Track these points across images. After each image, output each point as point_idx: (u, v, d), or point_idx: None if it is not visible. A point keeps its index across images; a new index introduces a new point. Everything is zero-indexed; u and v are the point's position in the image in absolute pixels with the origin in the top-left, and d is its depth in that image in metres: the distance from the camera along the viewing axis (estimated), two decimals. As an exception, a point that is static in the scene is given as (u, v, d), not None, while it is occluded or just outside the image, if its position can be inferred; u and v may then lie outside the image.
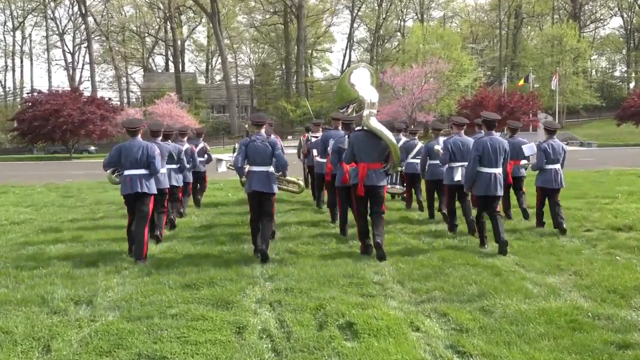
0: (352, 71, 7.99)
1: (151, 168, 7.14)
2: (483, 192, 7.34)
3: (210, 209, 11.45)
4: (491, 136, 7.41)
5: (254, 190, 7.12)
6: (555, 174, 8.58)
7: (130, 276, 6.24)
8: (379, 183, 7.13)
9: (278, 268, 6.45)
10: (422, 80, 46.26)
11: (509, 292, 5.36)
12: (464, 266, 6.35)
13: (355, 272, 6.11)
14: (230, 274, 6.14)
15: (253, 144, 7.14)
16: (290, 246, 7.53)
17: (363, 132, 7.22)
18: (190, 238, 8.36)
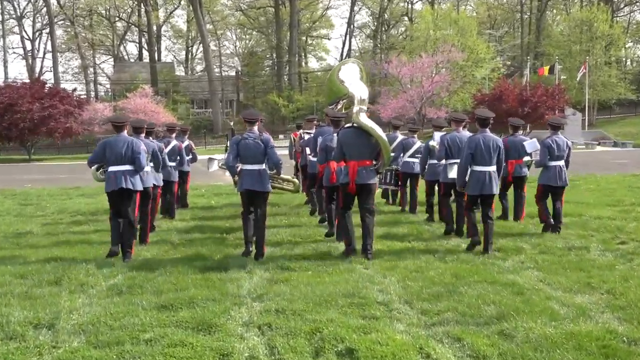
0: (341, 67, 8.78)
1: (136, 164, 7.92)
2: (477, 191, 8.14)
3: (190, 217, 11.47)
4: (484, 134, 8.16)
5: (246, 189, 7.86)
6: (560, 171, 9.31)
7: (97, 296, 6.23)
8: (369, 181, 7.83)
9: (268, 286, 6.45)
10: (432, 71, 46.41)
11: (532, 313, 5.37)
12: (480, 284, 6.37)
13: (356, 291, 6.12)
14: (213, 293, 6.13)
15: (245, 142, 7.85)
16: (281, 261, 7.54)
17: (352, 129, 7.87)
18: (167, 252, 8.36)
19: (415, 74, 46.61)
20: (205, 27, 62.98)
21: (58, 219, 11.81)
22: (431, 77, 45.74)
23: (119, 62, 72.64)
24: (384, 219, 10.70)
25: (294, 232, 9.52)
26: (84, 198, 15.53)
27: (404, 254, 7.90)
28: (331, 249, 8.19)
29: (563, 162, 9.39)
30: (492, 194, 8.18)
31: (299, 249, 8.33)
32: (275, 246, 8.56)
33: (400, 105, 45.29)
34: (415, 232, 9.46)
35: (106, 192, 8.02)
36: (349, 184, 7.80)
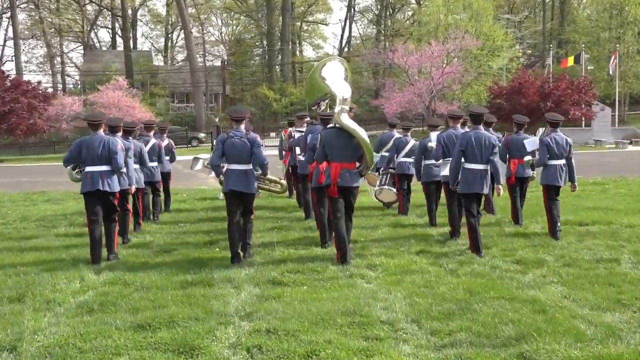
0: (324, 63, 9.24)
1: (113, 164, 8.50)
2: (467, 189, 8.77)
3: (171, 226, 11.48)
4: (477, 131, 8.74)
5: (231, 189, 8.36)
6: (560, 171, 9.87)
7: (65, 314, 6.22)
8: (353, 184, 8.39)
9: (257, 303, 6.45)
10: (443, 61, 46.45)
11: (555, 333, 5.39)
12: (497, 300, 6.39)
13: (357, 308, 6.13)
14: (196, 311, 6.13)
15: (231, 141, 8.38)
16: (273, 275, 7.55)
17: (335, 130, 8.40)
18: (144, 264, 8.36)
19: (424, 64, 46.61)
20: (187, 11, 63.05)
21: (21, 228, 11.80)
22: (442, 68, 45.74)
23: (90, 51, 72.62)
24: (385, 229, 10.71)
25: (287, 242, 9.55)
26: (49, 204, 15.52)
27: (410, 267, 7.91)
28: (329, 262, 8.20)
29: (564, 161, 9.89)
30: (481, 193, 8.84)
31: (293, 261, 8.33)
32: (266, 259, 8.57)
33: (406, 99, 45.26)
34: (422, 242, 9.50)
35: (82, 193, 8.56)
36: (331, 185, 8.31)
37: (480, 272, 7.65)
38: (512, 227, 10.63)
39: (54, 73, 73.77)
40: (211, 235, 10.31)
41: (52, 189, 19.63)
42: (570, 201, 13.75)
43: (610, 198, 14.20)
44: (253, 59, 75.34)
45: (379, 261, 8.18)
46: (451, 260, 8.32)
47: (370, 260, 8.27)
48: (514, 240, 9.55)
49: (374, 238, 9.86)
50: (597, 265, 7.95)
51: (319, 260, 8.26)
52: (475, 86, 49.28)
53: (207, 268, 8.01)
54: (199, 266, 8.12)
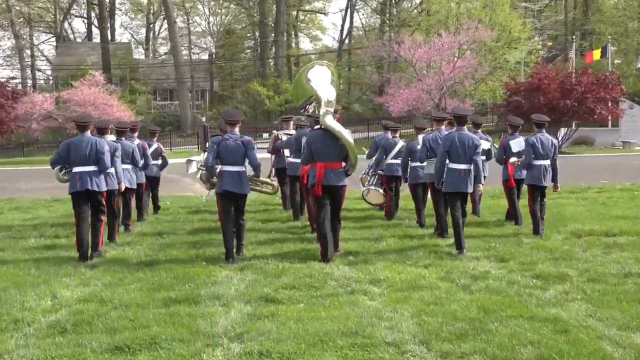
0: (311, 67, 10.41)
1: (100, 164, 9.63)
2: (452, 188, 9.97)
3: (152, 237, 11.49)
4: (461, 132, 9.95)
5: (225, 190, 9.49)
6: (545, 171, 11.01)
7: (35, 335, 6.21)
8: (338, 183, 9.49)
9: (249, 322, 6.45)
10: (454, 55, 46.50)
11: (579, 356, 5.39)
12: (515, 319, 6.39)
13: (359, 329, 6.13)
14: (181, 331, 6.13)
15: (225, 143, 9.53)
16: (266, 291, 7.54)
17: (321, 131, 9.61)
18: (123, 279, 8.35)
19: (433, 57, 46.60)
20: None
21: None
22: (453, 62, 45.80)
23: (63, 43, 72.63)
24: (391, 240, 10.73)
25: (282, 255, 9.57)
26: (18, 212, 15.50)
27: (418, 282, 7.91)
28: (328, 277, 8.20)
29: (549, 162, 11.06)
30: (466, 192, 10.04)
31: (288, 275, 8.33)
32: (258, 273, 8.58)
33: (414, 96, 45.15)
34: (431, 254, 9.52)
35: (70, 193, 9.69)
36: (315, 185, 9.41)
37: (496, 288, 7.65)
38: (530, 238, 10.65)
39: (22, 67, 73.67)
40: (197, 248, 10.31)
41: (21, 195, 19.62)
42: (596, 209, 13.79)
43: (639, 207, 14.21)
44: (244, 52, 75.43)
45: (383, 276, 8.19)
46: (463, 275, 8.33)
47: (373, 275, 8.27)
48: (533, 252, 9.56)
49: (378, 250, 9.87)
50: (626, 280, 7.95)
51: (317, 275, 8.26)
52: (489, 82, 49.30)
53: (192, 284, 8.00)
54: (183, 282, 8.11)
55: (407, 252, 9.69)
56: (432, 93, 44.96)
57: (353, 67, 70.68)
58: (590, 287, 7.63)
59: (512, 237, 10.83)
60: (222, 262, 9.24)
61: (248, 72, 69.59)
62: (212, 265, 9.06)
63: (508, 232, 11.30)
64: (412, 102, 44.69)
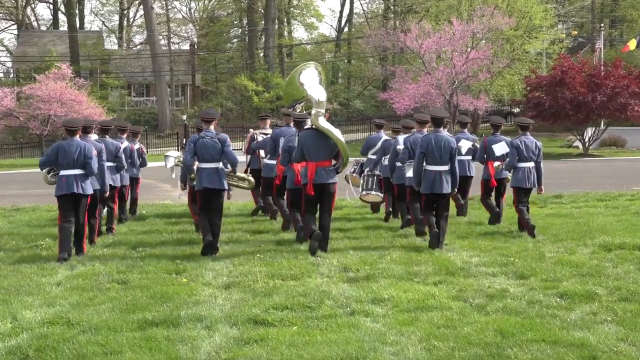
0: (302, 70, 11.98)
1: (87, 168, 10.92)
2: (429, 189, 11.26)
3: (126, 250, 11.50)
4: (437, 133, 11.31)
5: (205, 187, 11.01)
6: (529, 173, 12.37)
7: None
8: (329, 180, 10.98)
9: (235, 348, 6.44)
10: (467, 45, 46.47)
11: (609, 385, 5.38)
12: (536, 344, 6.39)
13: (360, 355, 6.12)
14: (158, 358, 6.11)
15: (202, 141, 11.03)
16: (255, 312, 7.53)
17: (312, 131, 11.16)
18: (93, 298, 8.32)
19: (444, 47, 46.58)
20: (148, -19, 63.09)
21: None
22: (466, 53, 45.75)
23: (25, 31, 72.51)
24: (396, 254, 10.72)
25: (272, 271, 9.54)
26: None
27: (427, 302, 7.90)
28: (325, 294, 8.19)
29: (533, 164, 12.39)
30: (444, 193, 11.29)
31: (279, 294, 8.32)
32: (246, 291, 8.57)
33: (422, 91, 45.07)
34: (442, 270, 9.52)
35: (56, 196, 10.95)
36: (307, 184, 10.85)
37: (515, 308, 7.64)
38: (554, 252, 10.65)
39: (-22, 59, 73.56)
40: (177, 263, 10.28)
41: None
42: (628, 219, 13.81)
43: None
44: (230, 42, 75.42)
45: (387, 294, 8.17)
46: (478, 293, 8.32)
47: (376, 294, 8.25)
48: (557, 268, 9.56)
49: (382, 265, 9.87)
50: (661, 299, 7.95)
51: (313, 294, 8.25)
52: (507, 75, 49.18)
53: (171, 304, 7.97)
54: (161, 301, 8.08)
55: (414, 268, 9.69)
56: (442, 88, 44.78)
57: (353, 58, 70.75)
58: (621, 307, 7.62)
59: (533, 250, 10.83)
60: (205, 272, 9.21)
61: (234, 64, 69.62)
62: (194, 282, 9.04)
63: (528, 245, 11.30)
64: (420, 99, 44.56)
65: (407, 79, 47.33)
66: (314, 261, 10.19)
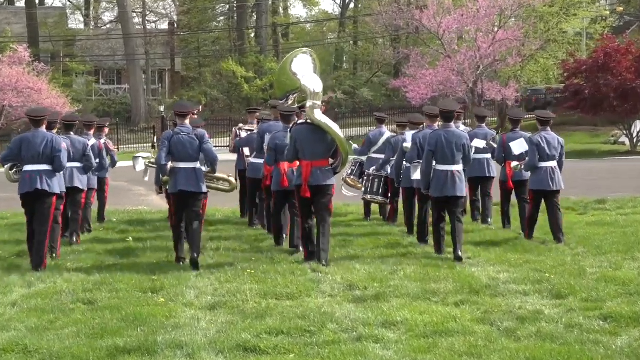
0: (293, 58, 12.33)
1: (55, 163, 11.01)
2: (439, 192, 11.57)
3: (94, 263, 11.52)
4: (447, 129, 11.59)
5: (181, 190, 11.13)
6: (552, 173, 12.52)
7: None
8: (325, 182, 11.20)
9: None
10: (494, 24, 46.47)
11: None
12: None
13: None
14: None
15: (177, 138, 11.08)
16: (244, 337, 7.53)
17: (306, 126, 11.36)
18: (55, 321, 8.32)
19: (467, 27, 46.57)
20: (119, -51, 63.14)
21: None
22: (492, 33, 45.75)
23: (-25, 8, 72.55)
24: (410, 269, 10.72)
25: (266, 290, 9.55)
26: None
27: (447, 326, 7.89)
28: (327, 316, 8.18)
29: (555, 163, 12.62)
30: (457, 197, 11.61)
31: (273, 316, 8.31)
32: (234, 313, 8.57)
33: (441, 78, 44.97)
34: (465, 288, 9.53)
35: (20, 194, 11.13)
36: (302, 185, 11.12)
37: (551, 333, 7.63)
38: (597, 267, 10.67)
39: None
40: (153, 280, 10.28)
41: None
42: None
43: None
44: (216, 20, 75.33)
45: (400, 317, 8.17)
46: (507, 316, 8.31)
47: (387, 316, 8.25)
48: (600, 285, 9.55)
49: (394, 282, 9.88)
50: None
51: (312, 316, 8.24)
52: (541, 59, 49.14)
53: (146, 327, 7.97)
54: (134, 325, 8.07)
55: (432, 285, 9.70)
56: (464, 74, 44.72)
57: (360, 40, 70.59)
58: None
59: (572, 264, 10.82)
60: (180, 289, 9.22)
61: (221, 46, 69.47)
62: (173, 302, 9.04)
63: (566, 258, 11.30)
64: (439, 87, 44.46)
65: (423, 64, 47.25)
66: (314, 278, 10.19)
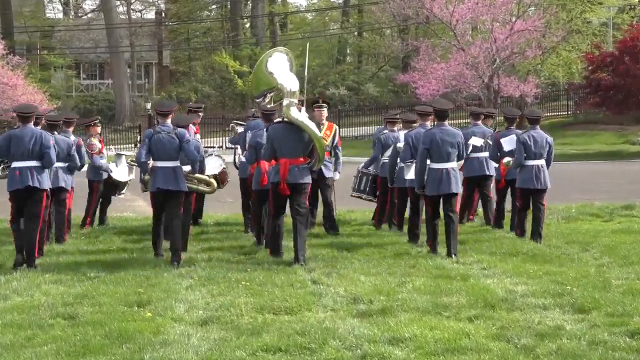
0: (268, 57, 13.42)
1: (45, 159, 11.82)
2: (435, 190, 12.60)
3: (74, 275, 11.45)
4: (442, 127, 12.67)
5: (158, 188, 12.18)
6: (538, 172, 13.69)
7: None
8: (303, 180, 12.23)
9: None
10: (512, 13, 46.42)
11: None
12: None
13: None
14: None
15: (157, 136, 12.16)
16: (240, 355, 7.53)
17: (283, 124, 12.38)
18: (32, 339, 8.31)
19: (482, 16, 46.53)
20: None
21: None
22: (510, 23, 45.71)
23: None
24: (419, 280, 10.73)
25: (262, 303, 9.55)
26: None
27: (459, 342, 7.91)
28: (328, 332, 8.18)
29: (543, 162, 13.81)
30: (452, 193, 12.68)
31: (271, 332, 8.31)
32: (228, 328, 8.57)
33: (453, 73, 44.85)
34: (479, 302, 9.53)
35: (9, 191, 11.87)
36: (280, 183, 12.02)
37: (572, 351, 7.63)
38: (623, 279, 10.67)
39: None
40: (139, 293, 10.26)
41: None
42: None
43: None
44: (207, 9, 75.30)
45: (409, 333, 8.18)
46: (525, 331, 8.31)
47: (395, 332, 8.26)
48: (627, 298, 9.55)
49: (402, 295, 9.90)
50: None
51: (313, 332, 8.24)
52: (564, 52, 49.06)
53: (132, 344, 7.97)
54: (119, 342, 8.08)
55: (443, 298, 9.70)
56: (479, 68, 44.62)
57: (365, 30, 70.57)
58: None
59: (596, 276, 10.82)
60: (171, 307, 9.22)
61: (213, 38, 69.49)
62: (161, 317, 9.03)
63: (589, 269, 11.30)
64: (451, 82, 44.33)
65: (434, 57, 47.09)
66: (315, 290, 10.18)
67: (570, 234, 13.50)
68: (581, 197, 19.30)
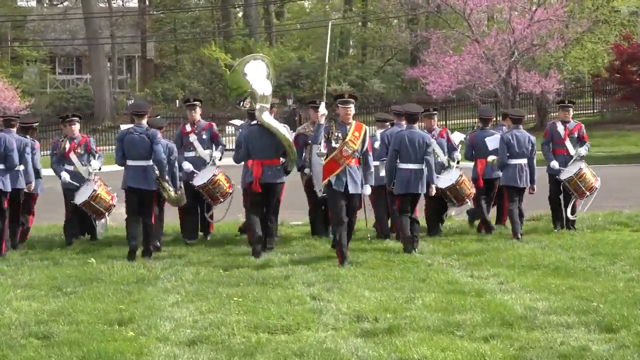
0: (248, 61, 15.21)
1: (8, 162, 13.42)
2: (403, 189, 14.32)
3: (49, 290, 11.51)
4: (411, 130, 14.51)
5: (130, 186, 13.88)
6: (520, 171, 15.60)
7: None
8: (276, 180, 14.30)
9: None
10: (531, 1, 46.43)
11: None
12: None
13: None
14: None
15: (130, 137, 13.91)
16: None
17: (257, 127, 14.36)
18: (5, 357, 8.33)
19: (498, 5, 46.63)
20: None
21: None
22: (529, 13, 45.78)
23: None
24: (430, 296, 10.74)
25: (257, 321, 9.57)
26: None
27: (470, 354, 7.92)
28: (329, 353, 8.20)
29: (525, 161, 15.70)
30: (418, 193, 14.46)
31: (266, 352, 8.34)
32: (217, 349, 8.59)
33: (467, 67, 44.91)
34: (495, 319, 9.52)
35: None
36: (253, 182, 13.89)
37: None
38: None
39: None
40: (120, 310, 10.28)
41: None
42: None
43: None
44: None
45: (418, 354, 8.20)
46: (546, 353, 8.32)
47: (403, 352, 8.29)
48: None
49: (410, 313, 9.91)
50: None
51: (312, 353, 8.27)
52: (589, 44, 49.07)
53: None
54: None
55: (456, 316, 9.71)
56: (496, 62, 44.68)
57: (370, 21, 70.67)
58: None
59: (625, 292, 10.82)
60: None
61: (202, 28, 69.59)
62: (145, 336, 9.04)
63: (617, 284, 11.30)
64: (465, 77, 44.38)
65: (446, 50, 47.20)
66: (315, 307, 10.18)
67: (596, 244, 13.50)
68: (609, 204, 19.37)
